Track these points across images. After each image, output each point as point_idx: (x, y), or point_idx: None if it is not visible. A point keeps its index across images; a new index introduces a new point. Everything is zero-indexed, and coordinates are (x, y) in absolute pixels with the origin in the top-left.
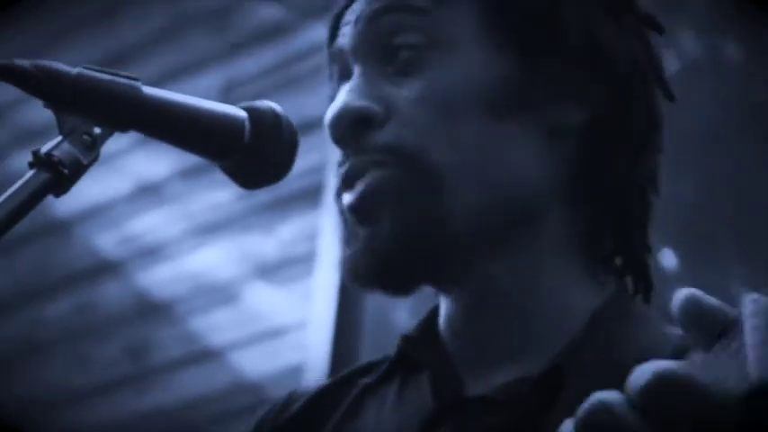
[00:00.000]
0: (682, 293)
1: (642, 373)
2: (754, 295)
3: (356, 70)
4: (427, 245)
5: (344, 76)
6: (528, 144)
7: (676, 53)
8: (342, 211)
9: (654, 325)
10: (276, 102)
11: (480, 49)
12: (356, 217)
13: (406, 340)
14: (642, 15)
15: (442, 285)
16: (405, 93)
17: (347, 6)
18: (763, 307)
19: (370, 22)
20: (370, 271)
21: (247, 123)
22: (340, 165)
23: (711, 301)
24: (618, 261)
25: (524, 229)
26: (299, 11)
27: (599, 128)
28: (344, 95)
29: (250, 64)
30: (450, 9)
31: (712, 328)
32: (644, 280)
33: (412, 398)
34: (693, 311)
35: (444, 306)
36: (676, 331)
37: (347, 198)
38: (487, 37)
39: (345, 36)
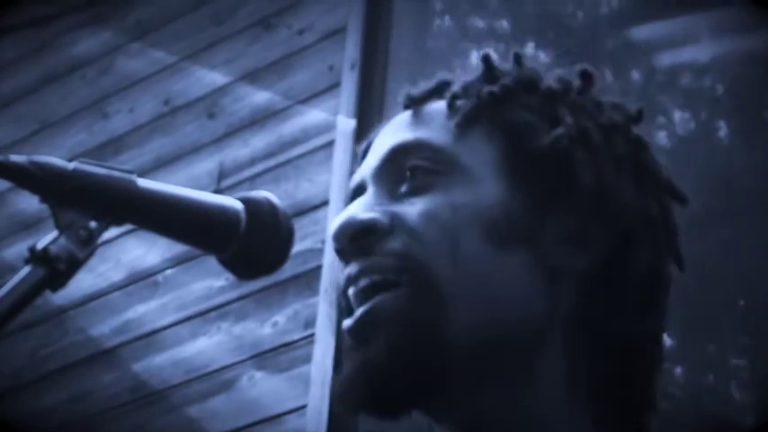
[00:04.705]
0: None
1: None
2: None
3: (369, 190)
4: (424, 364)
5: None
6: (528, 277)
7: (668, 130)
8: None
9: None
10: (269, 187)
11: (492, 183)
12: (354, 339)
13: None
14: (664, 180)
15: (436, 411)
16: (411, 208)
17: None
18: None
19: (389, 157)
20: (363, 394)
21: (243, 215)
22: (344, 270)
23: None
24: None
25: (524, 359)
26: (290, 96)
27: (600, 277)
28: (352, 208)
29: (243, 150)
30: (470, 140)
31: None
32: None
33: None
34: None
35: None
36: None
37: (347, 322)
38: (502, 175)
39: (366, 166)
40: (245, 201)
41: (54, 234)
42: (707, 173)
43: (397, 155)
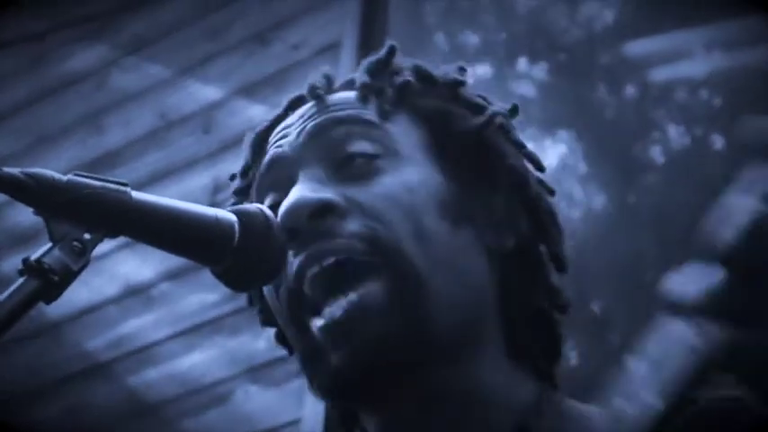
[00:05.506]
0: None
1: None
2: None
3: (304, 174)
4: (413, 350)
5: (287, 181)
6: (476, 253)
7: (663, 145)
8: (295, 313)
9: (584, 418)
10: None
11: (428, 165)
12: (337, 334)
13: None
14: (540, 166)
15: (401, 397)
16: (366, 190)
17: (277, 121)
18: None
19: (320, 132)
20: (354, 385)
21: (237, 227)
22: (297, 255)
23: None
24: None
25: (481, 332)
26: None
27: (519, 256)
28: (299, 191)
29: (238, 164)
30: (396, 125)
31: None
32: (553, 384)
33: None
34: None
35: (376, 421)
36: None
37: (320, 320)
38: (432, 158)
39: (287, 145)
40: (239, 213)
41: (48, 246)
42: (702, 186)
43: (328, 131)
